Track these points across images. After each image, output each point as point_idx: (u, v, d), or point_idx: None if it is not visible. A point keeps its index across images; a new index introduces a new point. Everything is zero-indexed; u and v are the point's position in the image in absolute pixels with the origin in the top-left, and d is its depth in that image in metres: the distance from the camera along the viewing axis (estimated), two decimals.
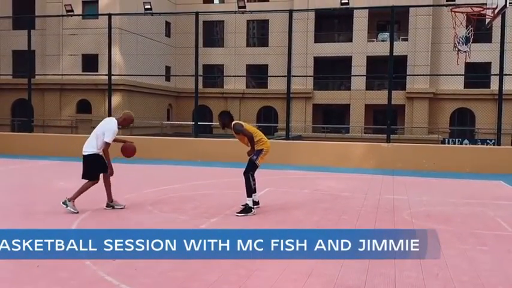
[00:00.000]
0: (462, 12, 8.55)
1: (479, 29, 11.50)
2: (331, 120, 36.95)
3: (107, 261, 4.57)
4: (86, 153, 7.07)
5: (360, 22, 34.95)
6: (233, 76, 37.41)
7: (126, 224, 6.60)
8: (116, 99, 29.20)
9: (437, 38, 33.01)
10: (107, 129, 7.06)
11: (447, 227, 6.76)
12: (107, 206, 7.43)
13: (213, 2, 39.77)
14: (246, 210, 7.15)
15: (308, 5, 35.33)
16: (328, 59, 35.83)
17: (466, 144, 28.24)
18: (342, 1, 15.37)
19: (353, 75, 34.59)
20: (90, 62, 32.72)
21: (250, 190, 7.22)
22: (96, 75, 30.66)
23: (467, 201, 8.91)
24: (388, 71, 15.00)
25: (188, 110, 34.40)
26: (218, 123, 7.56)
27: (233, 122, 7.40)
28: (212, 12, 30.35)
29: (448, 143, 28.81)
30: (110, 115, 17.13)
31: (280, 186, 7.73)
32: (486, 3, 8.64)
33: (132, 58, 32.09)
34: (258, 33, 39.74)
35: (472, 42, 12.69)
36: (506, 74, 14.47)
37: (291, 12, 15.81)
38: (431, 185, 11.10)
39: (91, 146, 7.05)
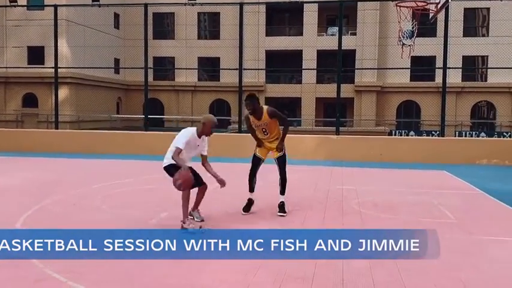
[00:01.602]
0: (407, 7, 8.79)
1: (424, 23, 11.90)
2: (283, 113, 37.21)
3: (55, 260, 4.46)
4: (164, 165, 6.16)
5: (310, 16, 35.35)
6: (184, 69, 37.07)
7: (76, 220, 6.45)
8: (63, 92, 28.38)
9: (385, 33, 33.83)
10: (177, 137, 6.08)
11: (393, 216, 6.99)
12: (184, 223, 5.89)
13: None
14: (284, 207, 6.88)
15: None
16: (280, 52, 36.08)
17: (412, 135, 29.15)
18: None
19: (304, 69, 34.97)
20: (36, 55, 31.64)
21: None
22: (42, 68, 29.64)
23: (412, 191, 9.22)
24: (337, 65, 15.27)
25: (138, 103, 33.87)
26: (247, 108, 6.76)
27: (265, 107, 6.87)
28: (162, 4, 29.78)
29: (395, 135, 29.69)
30: (56, 109, 16.63)
31: (234, 179, 7.75)
32: None
33: (80, 50, 31.22)
34: (210, 26, 39.51)
35: (418, 37, 13.08)
36: (449, 68, 15.01)
37: (241, 5, 15.79)
38: (379, 175, 11.41)
39: (166, 157, 6.15)
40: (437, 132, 24.24)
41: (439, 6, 8.10)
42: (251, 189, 7.02)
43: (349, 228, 6.23)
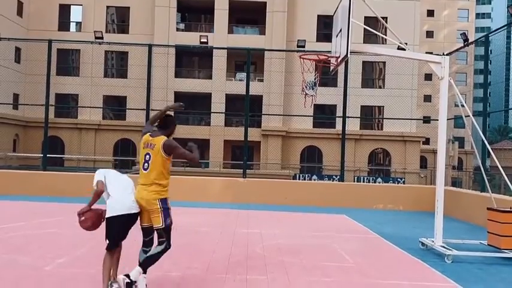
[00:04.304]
0: (310, 60, 9.29)
1: (326, 74, 12.60)
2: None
3: None
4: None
5: (219, 61, 36.08)
6: (88, 107, 35.96)
7: None
8: None
9: (290, 81, 35.21)
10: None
11: (295, 260, 7.14)
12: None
13: (69, 30, 38.22)
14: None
15: (168, 40, 35.64)
16: (189, 94, 36.24)
17: (314, 179, 30.13)
18: (201, 40, 15.79)
19: (212, 112, 35.32)
20: None
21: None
22: None
23: (314, 234, 9.50)
24: (244, 110, 15.65)
25: (37, 140, 32.10)
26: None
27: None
28: (67, 41, 29.14)
29: (299, 179, 30.49)
30: None
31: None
32: (331, 52, 9.51)
33: None
34: (117, 65, 38.94)
35: (320, 86, 13.80)
36: (349, 116, 15.97)
37: (150, 46, 15.81)
38: (283, 219, 11.64)
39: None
40: (338, 177, 25.37)
41: (339, 59, 8.64)
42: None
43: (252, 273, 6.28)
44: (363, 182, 30.10)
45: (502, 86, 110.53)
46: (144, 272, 4.95)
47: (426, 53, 19.18)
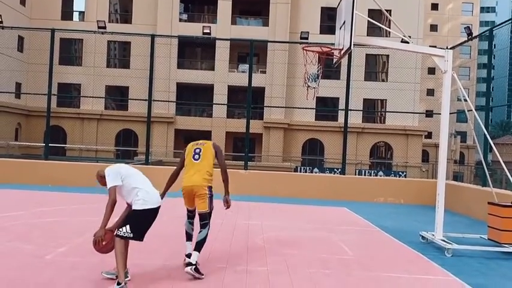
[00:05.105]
0: (313, 51, 9.26)
1: (329, 66, 12.55)
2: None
3: None
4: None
5: (222, 52, 35.97)
6: (91, 97, 35.93)
7: None
8: None
9: (292, 73, 35.13)
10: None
11: (295, 252, 7.16)
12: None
13: (71, 20, 38.14)
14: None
15: (171, 30, 35.54)
16: (191, 85, 36.20)
17: (315, 172, 30.11)
18: (204, 31, 15.75)
19: (214, 103, 35.29)
20: None
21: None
22: None
23: (314, 227, 9.52)
24: (246, 101, 15.63)
25: (39, 130, 32.13)
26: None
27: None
28: (70, 30, 29.07)
29: (300, 171, 30.48)
30: None
31: None
32: (334, 44, 9.47)
33: None
34: (120, 55, 38.88)
35: (323, 79, 13.77)
36: (351, 109, 15.94)
37: (153, 36, 15.77)
38: (284, 211, 11.66)
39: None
40: (339, 170, 25.35)
41: (342, 52, 8.61)
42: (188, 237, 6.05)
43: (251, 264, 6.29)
44: (364, 175, 30.09)
45: (505, 80, 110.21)
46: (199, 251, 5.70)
47: (430, 46, 19.10)
